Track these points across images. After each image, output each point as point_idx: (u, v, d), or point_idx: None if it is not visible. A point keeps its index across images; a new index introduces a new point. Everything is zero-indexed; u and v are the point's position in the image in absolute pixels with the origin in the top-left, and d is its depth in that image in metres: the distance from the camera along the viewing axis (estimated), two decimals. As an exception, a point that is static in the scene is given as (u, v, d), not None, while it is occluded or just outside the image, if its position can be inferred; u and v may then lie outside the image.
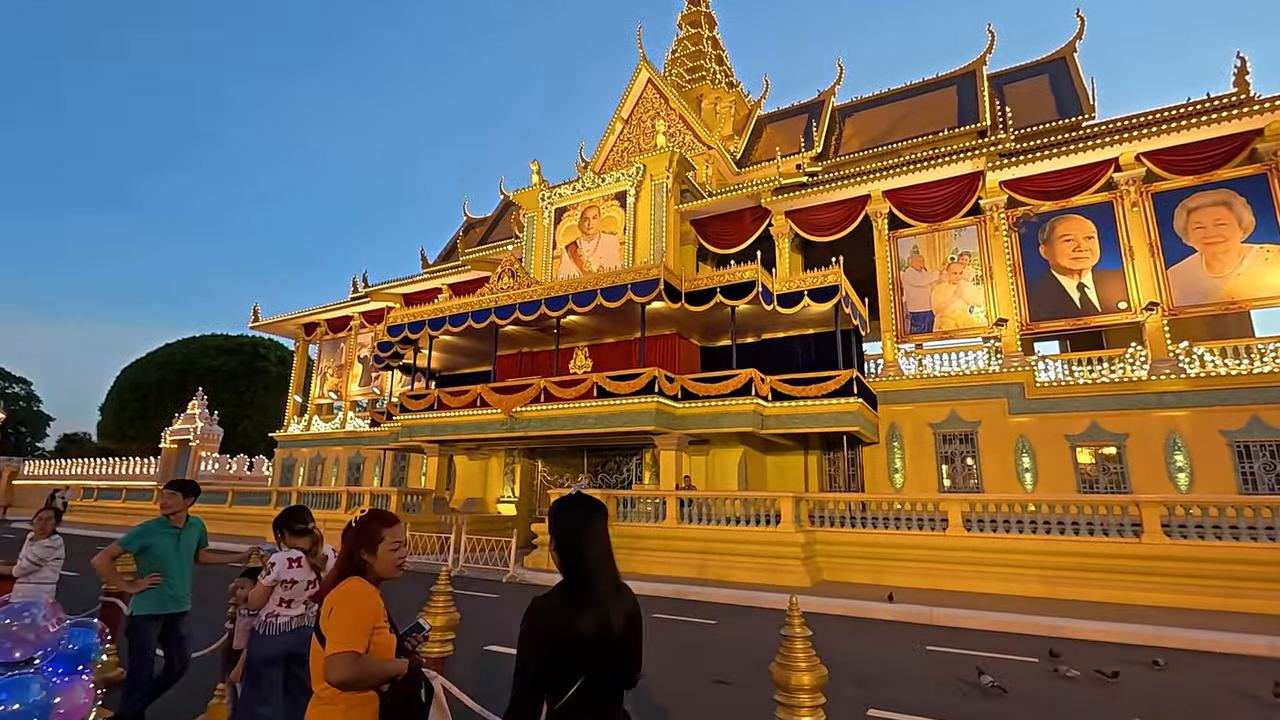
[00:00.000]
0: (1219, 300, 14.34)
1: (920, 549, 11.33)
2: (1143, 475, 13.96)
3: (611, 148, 26.12)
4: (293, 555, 3.35)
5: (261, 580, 3.23)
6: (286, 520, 3.49)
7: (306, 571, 3.36)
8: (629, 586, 1.87)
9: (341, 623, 1.90)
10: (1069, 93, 21.37)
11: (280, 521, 3.49)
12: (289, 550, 3.39)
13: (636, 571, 12.44)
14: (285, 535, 3.47)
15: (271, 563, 3.28)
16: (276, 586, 3.25)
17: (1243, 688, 5.93)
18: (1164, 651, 7.32)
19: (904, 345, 17.38)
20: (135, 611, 3.83)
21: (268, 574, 3.24)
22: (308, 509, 3.60)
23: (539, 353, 20.47)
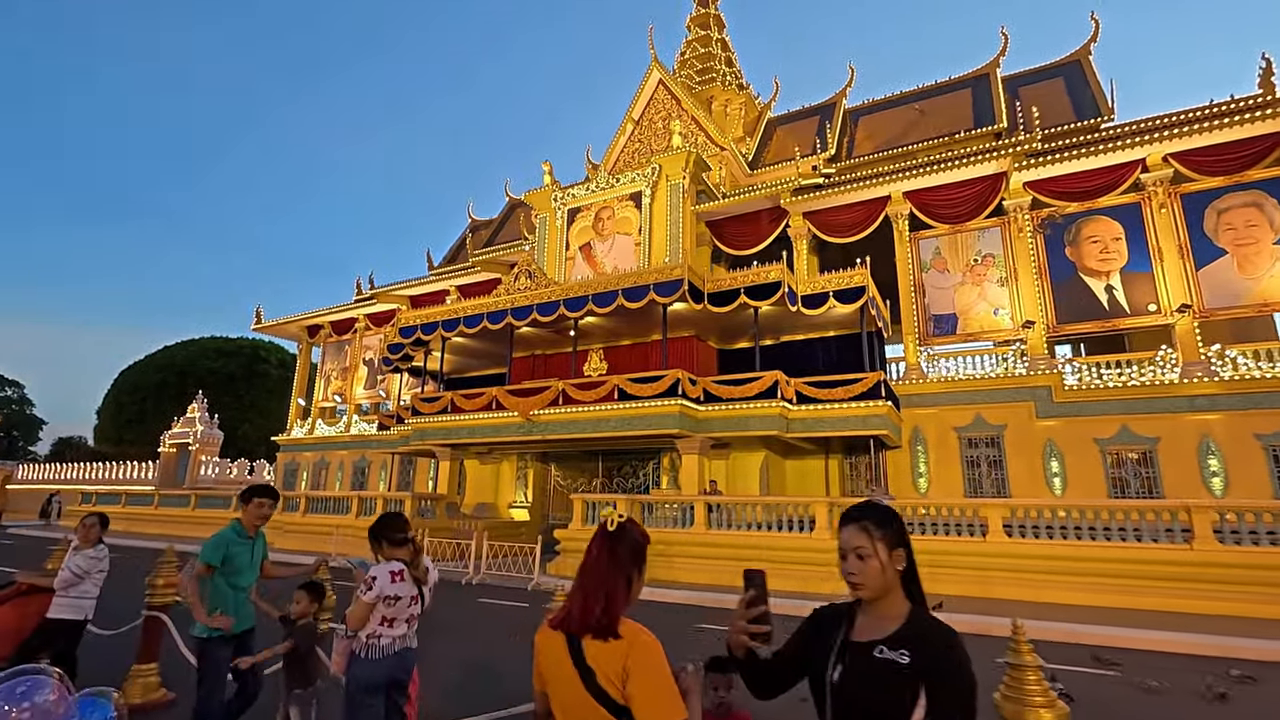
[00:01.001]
0: (1251, 302, 14.16)
1: (960, 555, 11.03)
2: (1175, 479, 13.73)
3: (622, 149, 25.87)
4: (394, 568, 3.00)
5: (361, 597, 2.89)
6: (384, 529, 3.14)
7: (410, 586, 3.02)
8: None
9: (660, 686, 1.52)
10: (1086, 95, 21.27)
11: (377, 530, 3.15)
12: (390, 563, 3.05)
13: (666, 579, 12.10)
14: (383, 546, 3.12)
15: (372, 577, 2.93)
16: (379, 604, 2.91)
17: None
18: (1236, 663, 7.04)
19: (926, 348, 17.13)
20: (205, 634, 3.48)
21: (368, 590, 2.89)
22: (404, 516, 3.27)
23: (552, 355, 20.14)
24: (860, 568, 1.61)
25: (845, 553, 1.65)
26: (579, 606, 1.69)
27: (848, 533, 1.66)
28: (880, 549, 1.60)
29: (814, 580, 11.16)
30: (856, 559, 1.62)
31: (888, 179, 17.86)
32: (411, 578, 3.05)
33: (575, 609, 1.70)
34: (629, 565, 1.69)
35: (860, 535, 1.63)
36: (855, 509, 1.70)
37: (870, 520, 1.64)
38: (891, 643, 1.53)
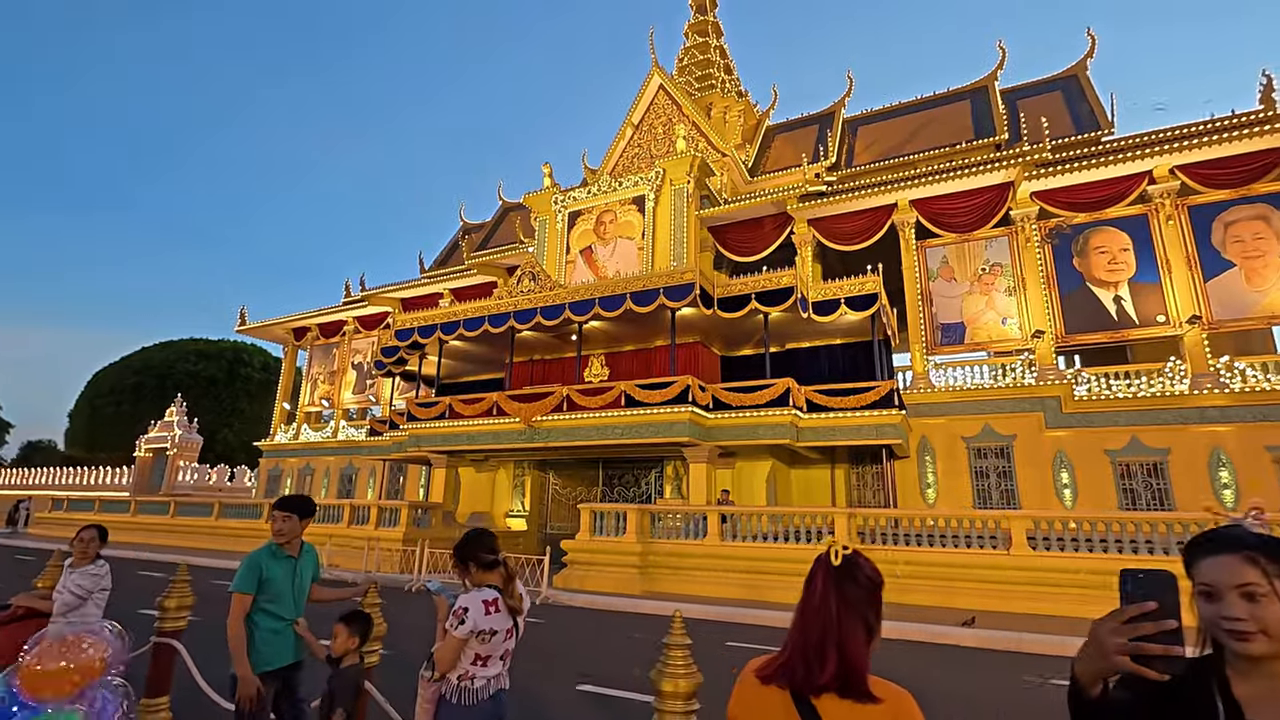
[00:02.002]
0: (1260, 314, 14.21)
1: (982, 568, 10.79)
2: (1186, 491, 13.67)
3: (621, 153, 25.59)
4: (488, 596, 2.56)
5: (451, 632, 2.47)
6: (473, 548, 2.69)
7: (505, 618, 2.59)
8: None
9: None
10: (1084, 108, 21.46)
11: (464, 551, 2.70)
12: (481, 589, 2.61)
13: (680, 592, 11.70)
14: (471, 569, 2.67)
15: (463, 608, 2.49)
16: (471, 640, 2.49)
17: None
18: None
19: (933, 357, 16.99)
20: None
21: (459, 623, 2.47)
22: (492, 533, 2.84)
23: (551, 360, 19.68)
24: (1252, 612, 1.16)
25: (1219, 591, 1.20)
26: (803, 657, 1.35)
27: (1225, 564, 1.21)
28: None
29: (834, 594, 10.82)
30: (1243, 600, 1.18)
31: (895, 187, 17.76)
32: (507, 607, 2.63)
33: (798, 659, 1.36)
34: (864, 607, 1.35)
35: (1249, 569, 1.19)
36: (1224, 534, 1.28)
37: (1261, 551, 1.20)
38: None
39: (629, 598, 11.27)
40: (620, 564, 12.12)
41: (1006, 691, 6.52)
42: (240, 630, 3.03)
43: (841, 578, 1.39)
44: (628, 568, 12.13)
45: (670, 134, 24.20)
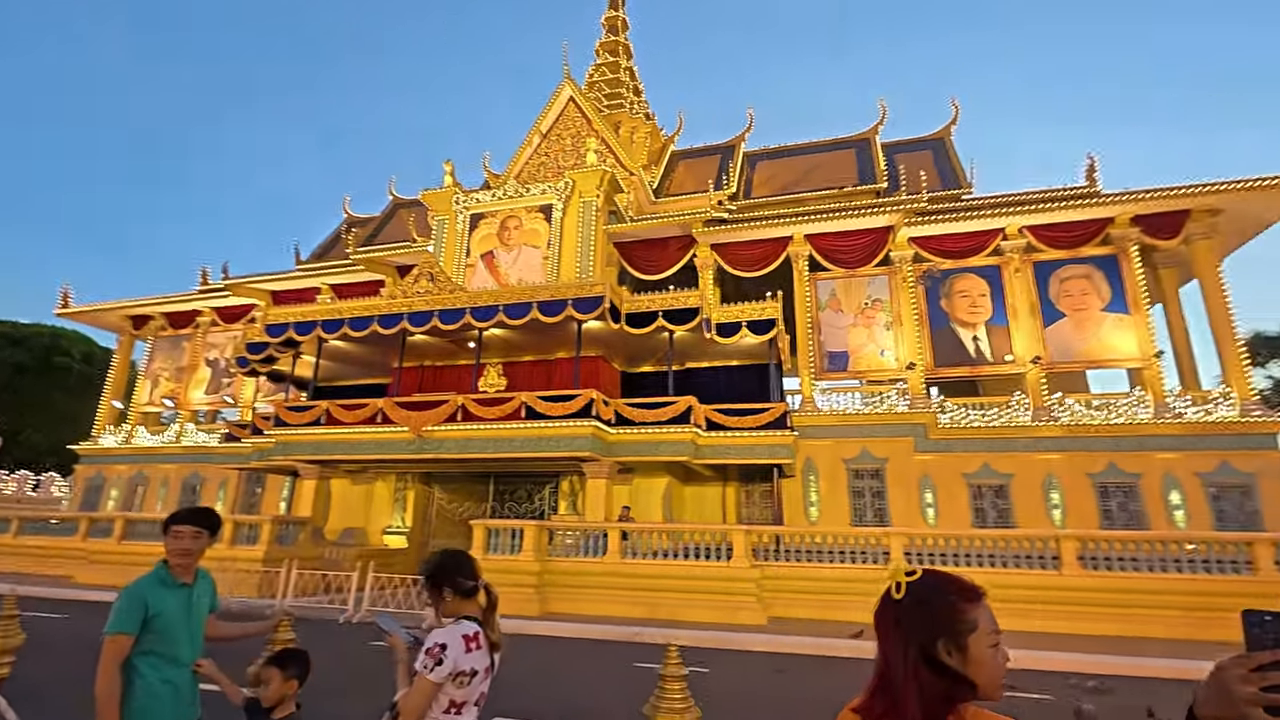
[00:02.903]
0: (1083, 359, 16.60)
1: (866, 582, 11.48)
2: (1025, 511, 15.50)
3: (528, 160, 25.13)
4: (468, 630, 2.15)
5: (424, 675, 2.07)
6: (450, 571, 2.26)
7: (485, 655, 2.19)
8: None
9: None
10: (948, 168, 24.16)
11: (440, 573, 2.27)
12: (459, 623, 2.18)
13: (580, 612, 11.37)
14: (446, 596, 2.26)
15: (440, 644, 2.07)
16: (448, 683, 2.11)
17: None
18: (1100, 677, 7.83)
19: (820, 383, 18.10)
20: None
21: (434, 664, 2.07)
22: (471, 556, 2.46)
23: (444, 367, 18.67)
24: None
25: None
26: (866, 699, 1.28)
27: None
28: None
29: (731, 610, 11.03)
30: None
31: (792, 220, 18.87)
32: (487, 642, 2.28)
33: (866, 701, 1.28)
34: (920, 634, 1.21)
35: None
36: None
37: None
38: None
39: (526, 619, 10.76)
40: (517, 584, 11.56)
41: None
42: (113, 684, 2.40)
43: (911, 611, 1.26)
44: (525, 588, 11.60)
45: (579, 146, 24.12)
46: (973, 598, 1.29)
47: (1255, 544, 10.55)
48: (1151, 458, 15.15)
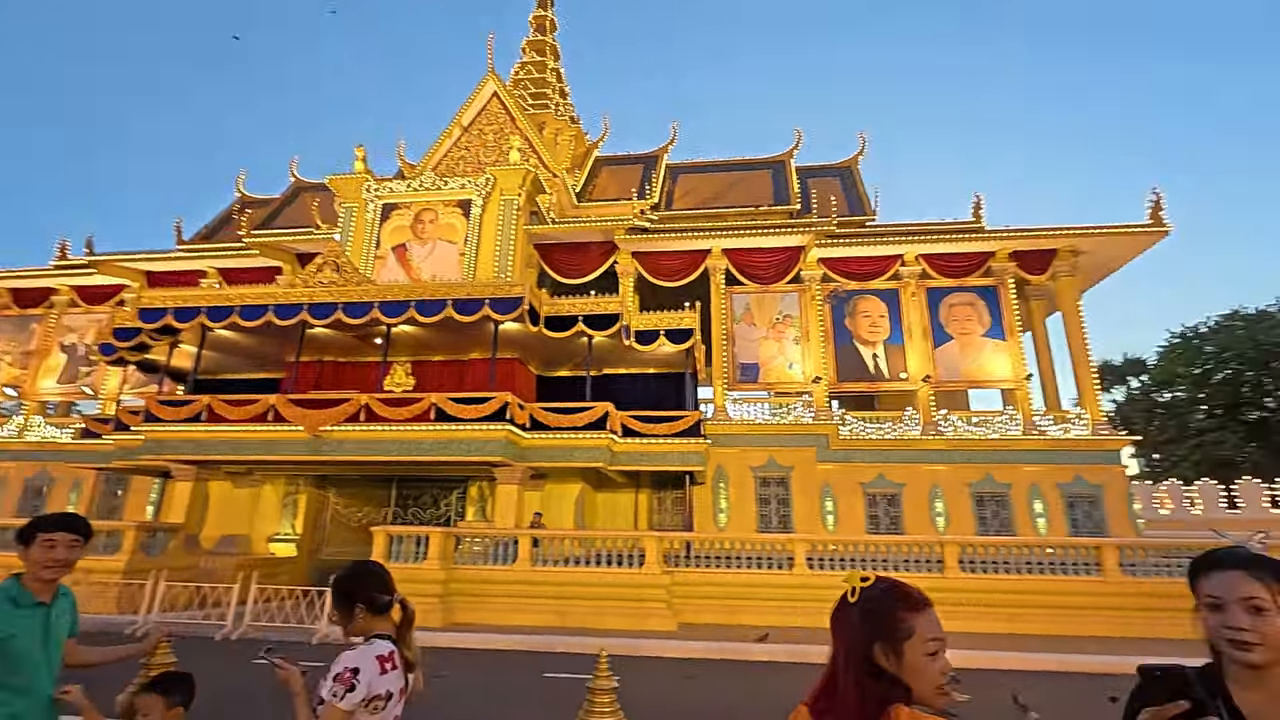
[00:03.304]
0: (966, 379, 18.15)
1: (771, 587, 11.92)
2: (914, 519, 16.69)
3: (447, 152, 24.29)
4: (382, 650, 1.99)
5: (334, 704, 1.87)
6: (365, 585, 2.10)
7: (400, 676, 2.03)
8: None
9: None
10: (855, 195, 25.75)
11: (351, 587, 2.09)
12: (372, 642, 2.02)
13: (488, 622, 10.99)
14: (357, 613, 2.08)
15: (351, 669, 1.89)
16: (360, 710, 1.91)
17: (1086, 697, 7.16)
18: (967, 672, 8.57)
19: (732, 393, 18.65)
20: None
21: (346, 690, 1.87)
22: (383, 566, 2.27)
23: (346, 364, 17.58)
24: (1255, 624, 1.28)
25: (1222, 603, 1.33)
26: (816, 695, 1.36)
27: (1230, 578, 1.35)
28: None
29: (642, 617, 11.06)
30: (1249, 613, 1.29)
31: (712, 234, 19.39)
32: (403, 661, 2.12)
33: (815, 696, 1.37)
34: (861, 637, 1.31)
35: (1251, 583, 1.32)
36: (1228, 552, 1.41)
37: (1263, 566, 1.34)
38: None
39: (430, 631, 10.25)
40: (420, 594, 11.00)
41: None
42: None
43: (857, 617, 1.36)
44: (429, 597, 11.06)
45: (501, 142, 23.60)
46: (915, 606, 1.36)
47: (1103, 548, 11.92)
48: (1020, 470, 16.77)
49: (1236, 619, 1.29)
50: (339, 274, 14.98)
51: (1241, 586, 1.32)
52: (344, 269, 15.14)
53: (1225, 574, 1.35)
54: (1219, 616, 1.32)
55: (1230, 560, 1.37)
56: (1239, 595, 1.31)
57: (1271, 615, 1.28)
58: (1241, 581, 1.32)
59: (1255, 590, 1.30)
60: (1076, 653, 9.28)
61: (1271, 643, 1.27)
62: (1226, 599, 1.32)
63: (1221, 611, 1.32)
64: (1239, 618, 1.29)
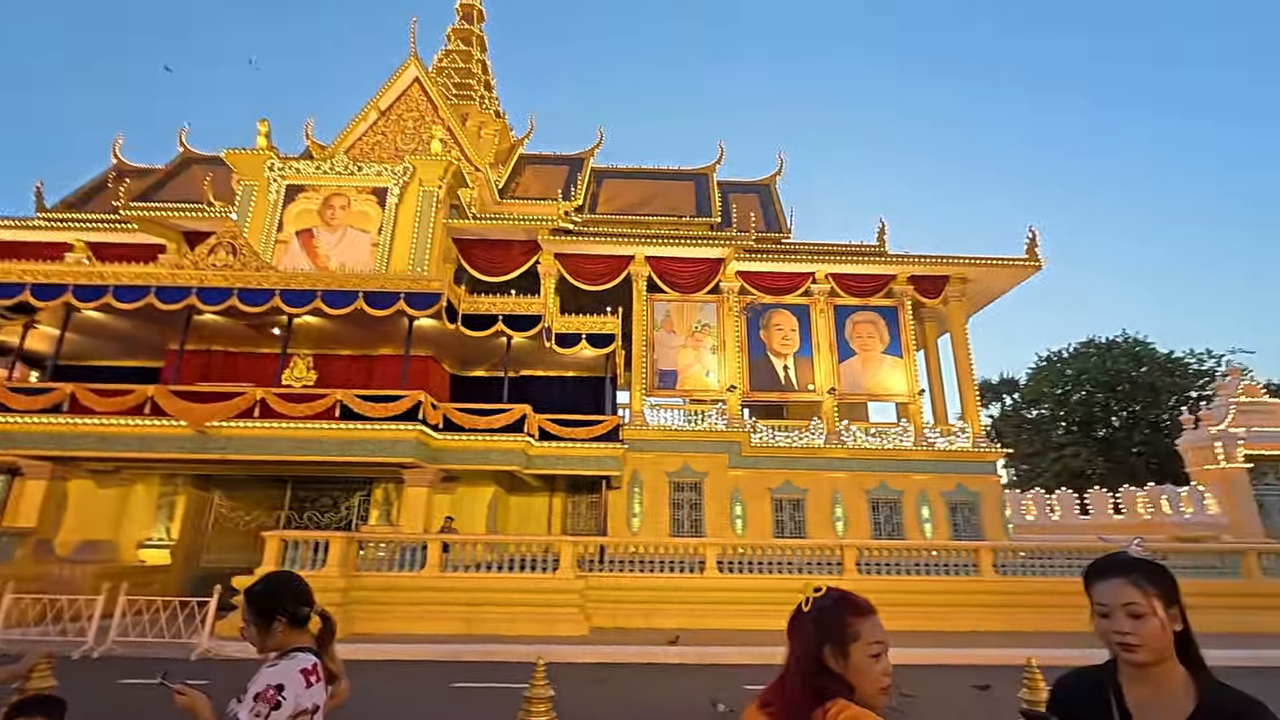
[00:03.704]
0: (866, 392, 19.36)
1: (682, 590, 12.15)
2: (816, 523, 17.57)
3: (361, 136, 23.07)
4: (305, 662, 1.88)
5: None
6: (285, 597, 1.99)
7: (323, 689, 1.96)
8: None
9: None
10: (772, 213, 26.86)
11: (272, 600, 1.98)
12: (293, 655, 1.91)
13: (391, 631, 10.48)
14: (276, 626, 1.97)
15: (274, 685, 1.78)
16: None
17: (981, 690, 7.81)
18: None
19: (650, 398, 18.89)
20: None
21: (271, 708, 1.76)
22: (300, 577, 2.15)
23: (238, 355, 16.28)
24: (1136, 627, 1.41)
25: (1108, 610, 1.46)
26: (767, 693, 1.46)
27: (1113, 586, 1.47)
28: (1157, 605, 1.42)
29: (554, 622, 10.95)
30: (1130, 617, 1.42)
31: (635, 241, 19.58)
32: (326, 673, 2.02)
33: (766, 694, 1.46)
34: (813, 641, 1.41)
35: (1131, 589, 1.43)
36: (1112, 559, 1.53)
37: (1141, 573, 1.45)
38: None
39: (326, 642, 9.65)
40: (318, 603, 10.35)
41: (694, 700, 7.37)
42: None
43: (810, 625, 1.46)
44: (327, 607, 10.37)
45: (422, 131, 22.74)
46: (861, 612, 1.47)
47: (980, 550, 13.07)
48: (911, 478, 18.08)
49: (1120, 625, 1.43)
50: (235, 257, 13.84)
51: (1122, 594, 1.44)
52: (241, 252, 14.01)
53: (1108, 583, 1.48)
54: (1106, 623, 1.46)
55: (1112, 569, 1.49)
56: (1121, 602, 1.44)
57: (1149, 618, 1.41)
58: (1122, 589, 1.45)
59: (1134, 597, 1.43)
60: (956, 646, 10.12)
61: (1150, 643, 1.40)
62: (1111, 606, 1.45)
63: (1108, 618, 1.46)
64: (1122, 624, 1.43)
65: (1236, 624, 11.26)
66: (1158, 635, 1.41)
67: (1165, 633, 1.42)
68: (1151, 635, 1.41)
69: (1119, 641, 1.44)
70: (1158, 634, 1.41)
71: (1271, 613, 11.84)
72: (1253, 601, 12.08)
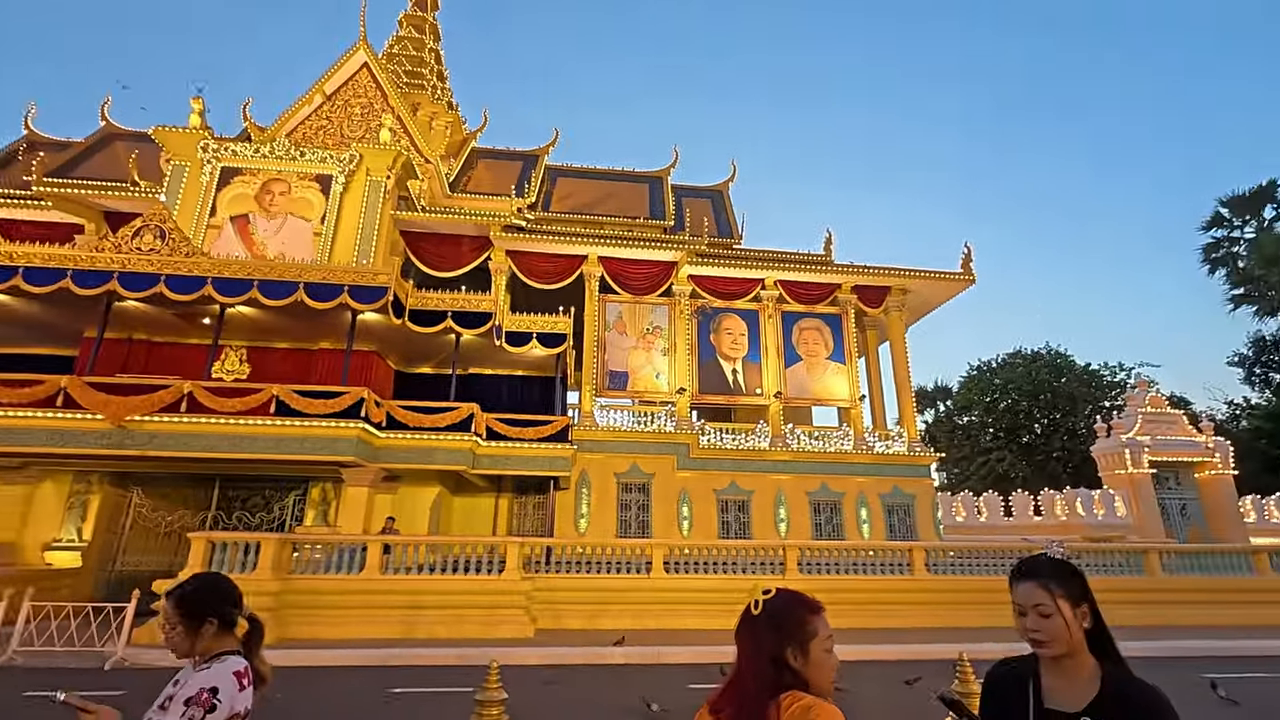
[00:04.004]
0: (811, 397, 19.91)
1: (628, 591, 12.18)
2: (760, 524, 17.94)
3: (305, 120, 22.17)
4: (237, 665, 1.85)
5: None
6: (216, 599, 1.95)
7: (252, 692, 1.89)
8: None
9: None
10: (725, 219, 27.30)
11: (202, 603, 1.92)
12: (222, 658, 1.87)
13: (326, 636, 10.08)
14: (210, 629, 1.91)
15: (208, 689, 1.74)
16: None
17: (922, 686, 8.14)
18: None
19: (601, 399, 18.86)
20: None
21: (205, 712, 1.72)
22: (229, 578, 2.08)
23: (163, 345, 15.38)
24: (1043, 625, 1.58)
25: (1024, 610, 1.62)
26: (717, 697, 1.47)
27: (1026, 589, 1.62)
28: (1064, 605, 1.58)
29: (499, 624, 10.79)
30: (1040, 617, 1.59)
31: (589, 241, 19.52)
32: (256, 676, 1.96)
33: (717, 699, 1.47)
34: (773, 642, 1.43)
35: (1039, 591, 1.60)
36: (1030, 563, 1.68)
37: (1050, 576, 1.61)
38: (1097, 712, 1.51)
39: (256, 649, 9.20)
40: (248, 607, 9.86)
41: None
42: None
43: (766, 623, 1.47)
44: (258, 611, 9.90)
45: (370, 118, 22.05)
46: (816, 610, 1.54)
47: (913, 550, 13.64)
48: (850, 481, 18.71)
49: (1031, 624, 1.62)
50: (163, 241, 13.03)
51: (1033, 596, 1.62)
52: (170, 236, 13.20)
53: (1023, 585, 1.65)
54: (1023, 620, 1.64)
55: (1027, 573, 1.67)
56: (1032, 603, 1.61)
57: (1055, 618, 1.59)
58: (1033, 591, 1.62)
59: (1042, 599, 1.60)
60: (891, 643, 10.53)
61: (1057, 639, 1.58)
62: (1025, 606, 1.63)
63: (1024, 616, 1.64)
64: (1033, 622, 1.61)
65: (1143, 618, 12.16)
66: (1062, 632, 1.58)
67: (1071, 629, 1.58)
68: (1058, 632, 1.58)
69: (1031, 638, 1.62)
70: (1062, 631, 1.58)
71: (1172, 606, 12.84)
72: (1156, 596, 13.06)
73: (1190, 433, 22.88)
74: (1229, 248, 37.08)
